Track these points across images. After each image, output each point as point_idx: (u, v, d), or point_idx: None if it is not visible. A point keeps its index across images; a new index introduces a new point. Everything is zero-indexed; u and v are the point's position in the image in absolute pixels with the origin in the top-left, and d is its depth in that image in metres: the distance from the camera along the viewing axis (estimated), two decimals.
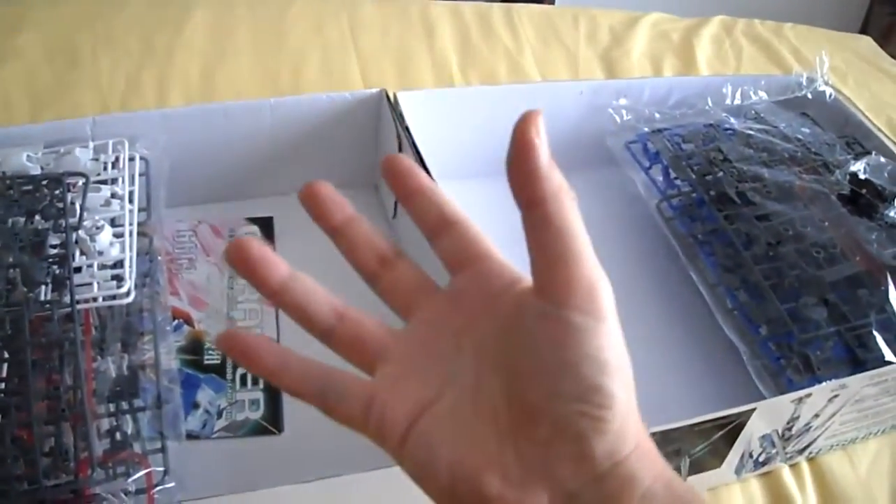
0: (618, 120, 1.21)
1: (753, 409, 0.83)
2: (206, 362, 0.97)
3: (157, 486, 0.74)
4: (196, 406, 0.93)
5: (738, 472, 0.93)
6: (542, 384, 0.44)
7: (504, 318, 0.47)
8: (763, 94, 1.28)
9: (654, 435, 0.77)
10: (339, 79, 1.46)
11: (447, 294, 0.52)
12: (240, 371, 0.96)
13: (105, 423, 0.77)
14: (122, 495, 0.72)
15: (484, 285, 0.50)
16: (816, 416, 0.90)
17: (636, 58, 1.64)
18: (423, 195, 0.52)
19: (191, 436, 0.89)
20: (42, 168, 0.94)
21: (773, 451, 0.92)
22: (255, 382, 0.96)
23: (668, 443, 0.81)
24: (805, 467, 0.97)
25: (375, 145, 1.18)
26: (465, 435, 0.46)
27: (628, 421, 0.44)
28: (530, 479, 0.44)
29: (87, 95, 1.36)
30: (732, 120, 1.20)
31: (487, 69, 1.54)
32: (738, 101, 1.26)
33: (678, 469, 0.86)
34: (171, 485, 0.74)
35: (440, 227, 0.52)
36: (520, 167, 0.44)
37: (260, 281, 0.50)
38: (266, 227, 1.14)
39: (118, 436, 0.76)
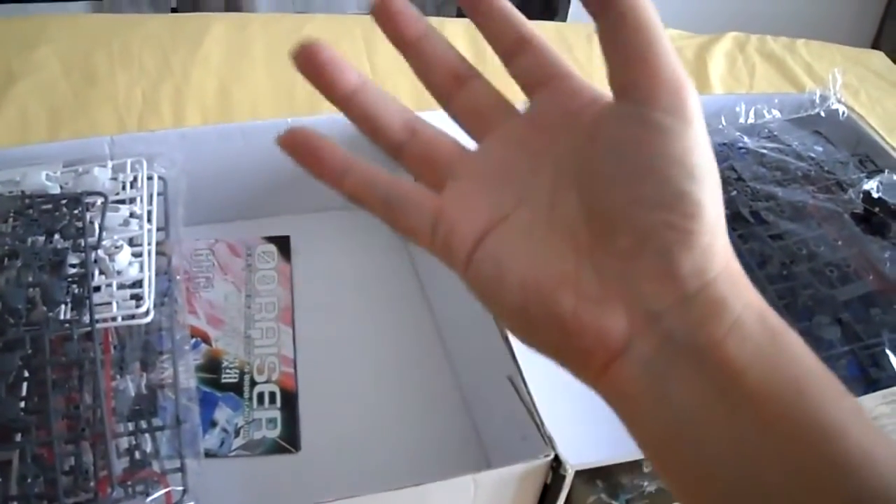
0: None
1: None
2: (223, 381, 0.97)
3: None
4: (214, 424, 0.93)
5: None
6: (623, 190, 0.42)
7: (584, 133, 0.45)
8: (776, 113, 1.28)
9: None
10: None
11: (525, 115, 0.49)
12: (257, 390, 0.97)
13: (124, 442, 0.77)
14: None
15: (564, 103, 0.47)
16: None
17: None
18: (500, 13, 0.48)
19: (208, 454, 0.89)
20: (61, 187, 0.94)
21: None
22: (272, 401, 0.96)
23: None
24: None
25: (390, 164, 1.15)
26: (538, 251, 0.44)
27: (717, 238, 0.41)
28: (609, 296, 0.42)
29: (105, 113, 1.37)
30: (746, 139, 1.19)
31: (503, 86, 1.50)
32: (751, 120, 1.26)
33: None
34: (191, 503, 0.75)
35: (517, 46, 0.48)
36: None
37: (328, 86, 0.48)
38: (283, 245, 1.14)
39: (137, 454, 0.77)
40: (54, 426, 0.71)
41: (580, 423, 0.76)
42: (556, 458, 0.75)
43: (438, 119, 0.51)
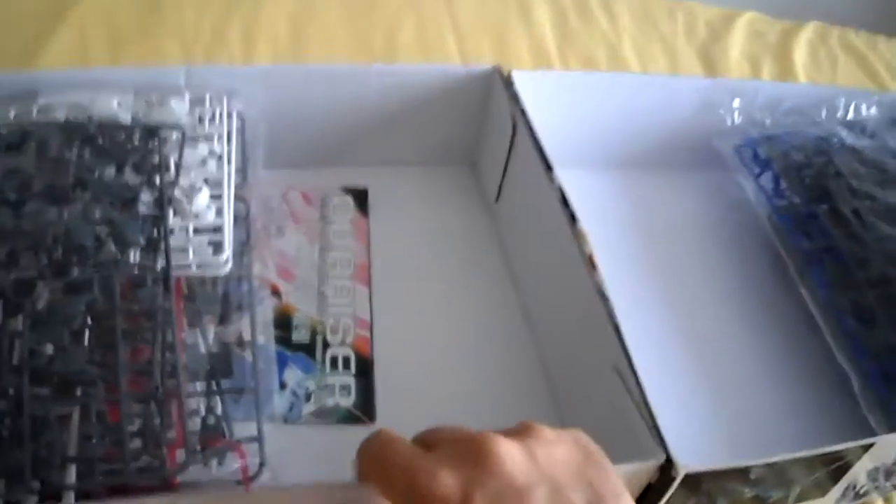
0: (728, 122, 1.16)
1: (871, 445, 0.78)
2: (294, 340, 0.91)
3: (252, 478, 0.68)
4: (283, 386, 0.87)
5: (838, 503, 0.88)
6: None
7: None
8: (874, 110, 1.23)
9: (766, 467, 0.73)
10: (436, 50, 1.42)
11: None
12: (330, 353, 0.91)
13: (193, 403, 0.71)
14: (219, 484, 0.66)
15: None
16: None
17: (735, 57, 1.60)
18: None
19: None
20: (133, 117, 0.87)
21: (874, 485, 0.88)
22: (345, 366, 0.90)
23: (781, 474, 0.77)
24: None
25: (479, 123, 1.12)
26: None
27: None
28: None
29: (170, 43, 1.31)
30: (844, 133, 1.15)
31: (586, 54, 1.50)
32: (850, 116, 1.21)
33: (785, 498, 0.81)
34: (267, 476, 0.69)
35: None
36: None
37: None
38: (360, 198, 1.08)
39: (210, 419, 0.71)
40: (122, 382, 0.65)
41: (688, 421, 0.72)
42: (667, 459, 0.70)
43: (524, 78, 0.48)
